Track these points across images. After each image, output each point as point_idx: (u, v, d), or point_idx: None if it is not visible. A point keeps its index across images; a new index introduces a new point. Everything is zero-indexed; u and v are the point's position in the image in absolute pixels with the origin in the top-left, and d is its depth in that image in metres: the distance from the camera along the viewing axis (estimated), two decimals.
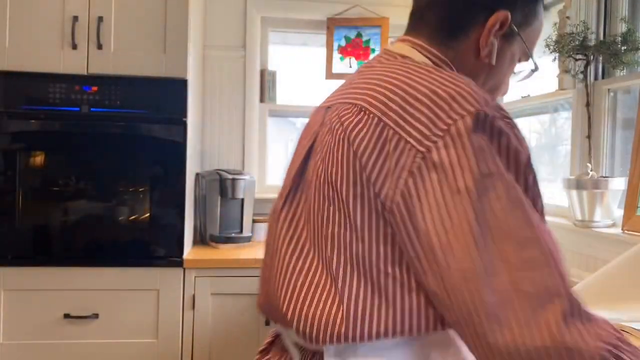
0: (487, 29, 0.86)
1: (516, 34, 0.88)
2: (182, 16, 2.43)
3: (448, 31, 0.88)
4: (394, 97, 0.75)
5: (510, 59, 0.92)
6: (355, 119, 0.76)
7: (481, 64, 0.89)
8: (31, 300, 2.35)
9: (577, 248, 2.05)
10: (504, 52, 0.90)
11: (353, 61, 3.18)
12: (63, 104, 2.37)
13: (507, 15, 0.86)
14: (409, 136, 0.71)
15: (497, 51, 0.88)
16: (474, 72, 0.89)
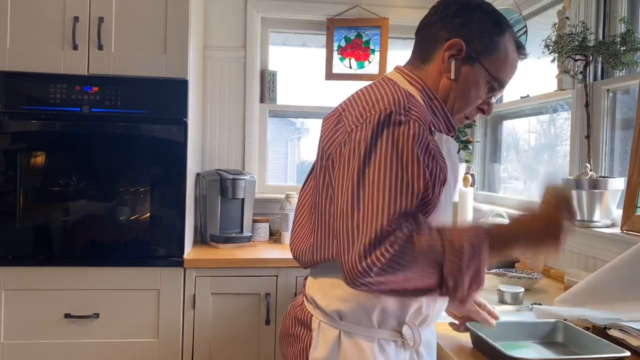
0: (443, 50, 1.18)
1: (475, 59, 1.18)
2: (183, 17, 2.43)
3: (422, 58, 1.23)
4: (354, 101, 1.14)
5: (474, 81, 1.19)
6: (333, 114, 1.20)
7: (447, 82, 1.19)
8: (32, 299, 2.36)
9: (577, 248, 2.06)
10: (466, 74, 1.19)
11: (353, 62, 3.18)
12: (64, 104, 2.38)
13: (459, 42, 1.17)
14: (347, 121, 1.11)
15: (459, 72, 1.18)
16: (444, 90, 1.20)
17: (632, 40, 1.87)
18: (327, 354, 1.16)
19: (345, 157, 1.07)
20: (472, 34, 1.18)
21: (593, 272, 1.66)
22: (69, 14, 2.36)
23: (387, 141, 1.03)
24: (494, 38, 1.18)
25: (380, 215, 0.98)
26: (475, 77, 1.19)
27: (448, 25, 1.19)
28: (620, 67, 1.96)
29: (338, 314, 1.17)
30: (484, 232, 1.02)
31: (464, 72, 1.18)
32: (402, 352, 1.19)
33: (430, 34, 1.21)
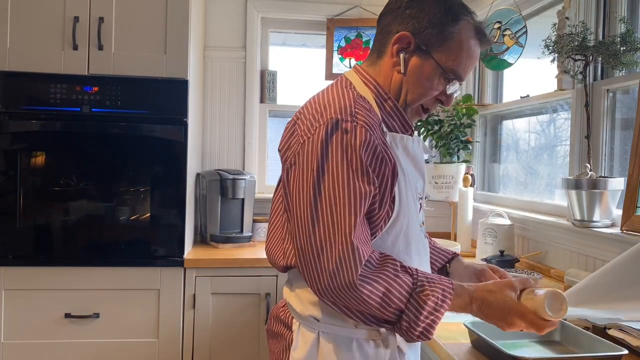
0: (391, 44, 1.18)
1: (424, 51, 1.16)
2: (183, 17, 2.43)
3: (376, 54, 1.23)
4: (307, 108, 1.16)
5: (425, 74, 1.18)
6: (290, 121, 1.21)
7: (399, 76, 1.19)
8: (32, 299, 2.36)
9: (576, 248, 2.06)
10: (416, 67, 1.18)
11: (353, 62, 3.18)
12: (64, 104, 2.38)
13: (406, 34, 1.16)
14: (300, 131, 1.13)
15: (410, 65, 1.18)
16: (395, 84, 1.20)
17: (632, 40, 1.87)
18: (306, 354, 1.19)
19: (300, 170, 1.10)
20: (421, 25, 1.16)
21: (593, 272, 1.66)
22: (69, 14, 2.36)
23: (337, 151, 1.07)
24: (445, 28, 1.16)
25: (341, 229, 1.05)
26: (426, 69, 1.17)
27: (399, 17, 1.18)
28: (620, 67, 1.96)
29: (314, 317, 1.19)
30: (450, 291, 1.08)
31: (414, 65, 1.17)
32: (382, 350, 1.19)
33: (383, 27, 1.21)
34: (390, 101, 1.20)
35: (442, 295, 1.07)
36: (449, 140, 2.88)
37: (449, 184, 2.87)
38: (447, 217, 3.07)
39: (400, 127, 1.21)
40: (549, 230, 2.24)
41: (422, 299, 1.06)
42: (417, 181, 1.24)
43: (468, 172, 2.86)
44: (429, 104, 1.24)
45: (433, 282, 1.08)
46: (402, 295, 1.06)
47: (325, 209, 1.06)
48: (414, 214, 1.20)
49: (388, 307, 1.06)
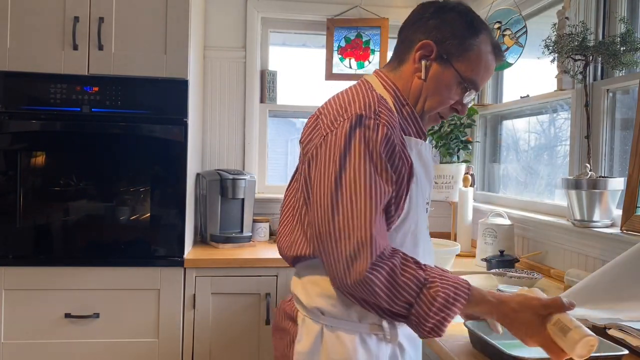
0: (414, 51, 1.23)
1: (446, 60, 1.21)
2: (183, 17, 2.43)
3: (397, 60, 1.28)
4: (330, 104, 1.21)
5: (445, 82, 1.22)
6: (312, 117, 1.25)
7: (419, 82, 1.23)
8: (32, 299, 2.36)
9: (576, 248, 2.06)
10: (437, 75, 1.22)
11: (353, 62, 3.18)
12: (64, 104, 2.38)
13: (429, 43, 1.21)
14: (323, 124, 1.18)
15: (431, 73, 1.22)
16: (415, 90, 1.24)
17: (632, 40, 1.87)
18: (310, 346, 1.22)
19: (322, 161, 1.14)
20: (444, 35, 1.21)
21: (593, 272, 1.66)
22: (69, 14, 2.36)
23: (360, 145, 1.11)
24: (466, 40, 1.21)
25: (360, 219, 1.08)
26: (446, 77, 1.22)
27: (422, 27, 1.24)
28: (620, 67, 1.96)
29: (319, 309, 1.22)
30: (465, 291, 1.09)
31: (434, 73, 1.22)
32: (384, 345, 1.22)
33: (407, 36, 1.27)
34: (408, 107, 1.25)
35: (454, 293, 1.07)
36: (449, 140, 2.89)
37: (448, 184, 2.87)
38: (447, 217, 3.08)
39: (415, 133, 1.26)
40: (549, 230, 2.24)
41: (432, 294, 1.07)
42: (426, 186, 1.29)
43: (468, 172, 2.86)
44: (445, 111, 1.29)
45: (446, 279, 1.09)
46: (411, 288, 1.08)
47: (346, 199, 1.09)
48: (422, 216, 1.25)
49: (396, 299, 1.08)
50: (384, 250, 1.08)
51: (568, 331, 1.04)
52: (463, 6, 1.25)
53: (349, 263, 1.07)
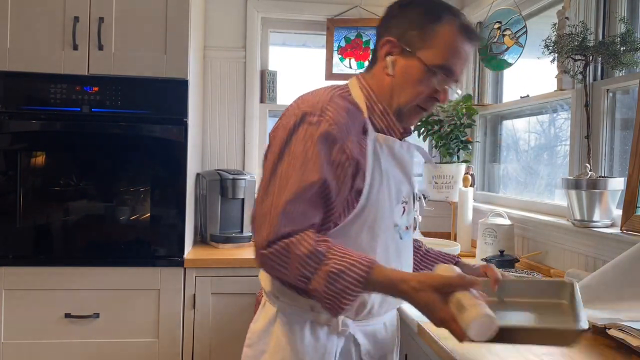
0: (379, 50, 1.29)
1: (409, 52, 1.23)
2: (183, 17, 2.43)
3: (371, 62, 1.33)
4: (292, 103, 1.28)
5: (412, 74, 1.23)
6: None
7: (388, 79, 1.27)
8: (32, 299, 2.36)
9: (576, 248, 2.06)
10: (403, 69, 1.24)
11: (353, 62, 3.18)
12: (64, 104, 2.38)
13: (391, 39, 1.26)
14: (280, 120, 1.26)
15: (397, 68, 1.25)
16: (387, 87, 1.27)
17: (632, 40, 1.87)
18: (263, 327, 1.31)
19: (269, 152, 1.23)
20: (404, 28, 1.25)
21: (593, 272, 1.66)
22: (69, 14, 2.36)
23: (298, 139, 1.18)
24: (427, 28, 1.23)
25: (280, 202, 1.14)
26: (413, 69, 1.23)
27: (386, 25, 1.30)
28: (620, 67, 1.96)
29: (274, 294, 1.31)
30: (362, 268, 1.09)
31: (401, 67, 1.25)
32: (335, 337, 1.24)
33: (377, 38, 1.33)
34: (380, 104, 1.28)
35: (348, 269, 1.08)
36: (449, 140, 2.88)
37: (448, 184, 2.87)
38: (447, 217, 3.08)
39: (389, 130, 1.28)
40: (549, 230, 2.24)
41: (326, 269, 1.09)
42: (402, 184, 1.30)
43: (468, 172, 2.86)
44: (424, 103, 1.28)
45: (348, 256, 1.10)
46: (307, 263, 1.11)
47: (275, 187, 1.16)
48: (386, 213, 1.26)
49: (295, 273, 1.12)
50: (291, 232, 1.13)
51: (464, 310, 0.98)
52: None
53: (255, 237, 1.16)
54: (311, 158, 1.16)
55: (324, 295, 1.10)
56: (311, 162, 1.16)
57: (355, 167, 1.20)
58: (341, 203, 1.20)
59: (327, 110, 1.20)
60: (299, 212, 1.15)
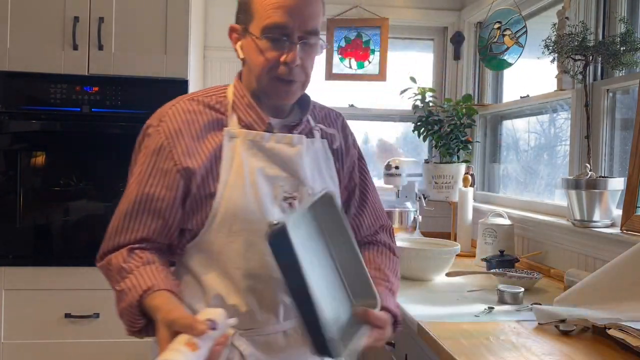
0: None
1: (244, 30, 1.23)
2: (183, 17, 2.43)
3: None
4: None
5: (251, 48, 1.21)
6: None
7: (245, 64, 1.27)
8: (32, 299, 2.36)
9: (576, 248, 2.06)
10: (245, 47, 1.24)
11: (353, 62, 3.18)
12: (64, 104, 2.38)
13: (231, 26, 1.28)
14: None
15: (244, 50, 1.25)
16: (246, 74, 1.27)
17: (632, 40, 1.87)
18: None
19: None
20: (237, 11, 1.28)
21: (593, 272, 1.66)
22: (69, 14, 2.36)
23: (140, 153, 1.24)
24: (246, 4, 1.23)
25: (116, 216, 1.22)
26: (250, 45, 1.21)
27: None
28: (620, 67, 1.96)
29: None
30: (141, 293, 1.10)
31: (243, 47, 1.25)
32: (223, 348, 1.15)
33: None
34: (245, 98, 1.24)
35: (129, 289, 1.12)
36: (449, 140, 2.88)
37: (448, 184, 2.87)
38: (447, 217, 3.07)
39: (258, 123, 1.22)
40: (549, 230, 2.24)
41: (119, 286, 1.16)
42: (280, 180, 1.21)
43: (468, 172, 2.86)
44: (277, 72, 1.18)
45: (139, 277, 1.13)
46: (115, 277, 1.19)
47: (122, 200, 1.22)
48: (255, 214, 1.17)
49: (113, 284, 1.19)
50: (116, 246, 1.21)
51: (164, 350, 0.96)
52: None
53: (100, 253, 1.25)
54: (143, 171, 1.20)
55: (118, 312, 1.16)
56: (142, 174, 1.19)
57: (186, 172, 1.17)
58: (190, 209, 1.18)
59: (163, 118, 1.22)
60: (126, 227, 1.20)
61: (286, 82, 1.19)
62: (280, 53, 1.17)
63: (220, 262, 1.19)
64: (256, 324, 1.19)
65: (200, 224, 1.18)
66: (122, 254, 1.19)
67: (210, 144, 1.20)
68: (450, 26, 3.22)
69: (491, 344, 1.37)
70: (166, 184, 1.18)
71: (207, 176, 1.18)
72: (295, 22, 1.15)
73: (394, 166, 2.80)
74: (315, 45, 1.20)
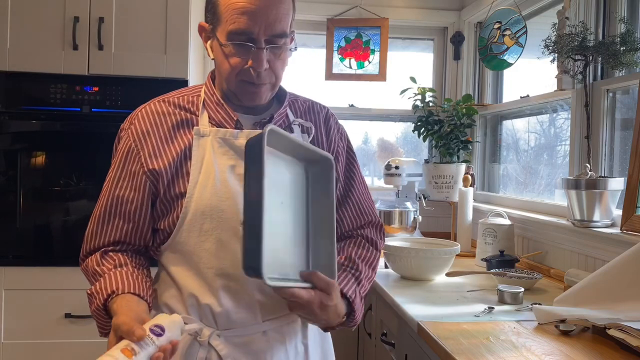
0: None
1: (212, 31, 1.18)
2: (183, 17, 2.44)
3: None
4: None
5: (219, 50, 1.17)
6: None
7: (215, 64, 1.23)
8: (32, 299, 2.36)
9: (576, 248, 2.06)
10: (213, 48, 1.20)
11: (353, 62, 3.18)
12: (64, 104, 2.38)
13: (201, 24, 1.22)
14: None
15: (213, 50, 1.21)
16: (217, 74, 1.25)
17: (632, 40, 1.87)
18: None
19: None
20: (205, 13, 1.22)
21: (593, 272, 1.66)
22: (69, 14, 2.36)
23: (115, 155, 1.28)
24: (213, 2, 1.17)
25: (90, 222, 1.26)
26: (217, 48, 1.19)
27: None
28: (620, 67, 1.96)
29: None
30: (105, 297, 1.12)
31: (212, 48, 1.21)
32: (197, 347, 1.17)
33: None
34: (215, 96, 1.24)
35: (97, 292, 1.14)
36: (449, 140, 2.89)
37: (448, 184, 2.87)
38: (447, 217, 3.08)
39: (227, 120, 1.22)
40: (549, 230, 2.24)
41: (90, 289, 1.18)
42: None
43: (468, 172, 2.86)
44: (244, 75, 1.17)
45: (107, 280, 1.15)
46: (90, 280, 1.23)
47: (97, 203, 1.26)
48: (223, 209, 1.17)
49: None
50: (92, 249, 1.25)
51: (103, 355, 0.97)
52: None
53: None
54: (114, 174, 1.24)
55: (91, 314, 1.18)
56: (112, 177, 1.24)
57: (152, 174, 1.19)
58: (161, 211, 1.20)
59: (133, 121, 1.26)
60: (99, 230, 1.23)
61: (254, 85, 1.18)
62: (246, 59, 1.14)
63: (193, 262, 1.18)
64: (233, 324, 1.18)
65: (171, 224, 1.19)
66: (96, 257, 1.23)
67: (179, 144, 1.20)
68: (450, 26, 3.22)
69: (491, 344, 1.37)
70: (134, 186, 1.21)
71: (176, 176, 1.19)
72: (261, 27, 1.12)
73: (394, 166, 2.80)
74: (284, 46, 1.17)
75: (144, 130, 1.23)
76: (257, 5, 1.11)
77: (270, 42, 1.14)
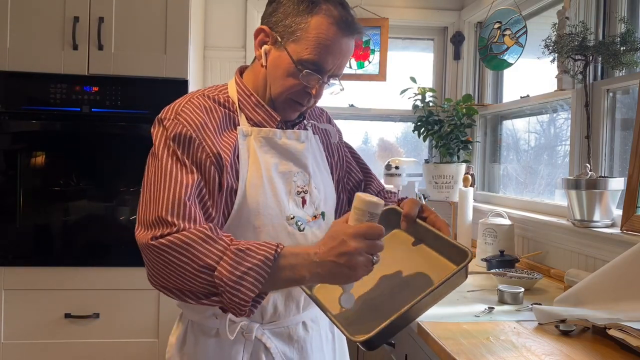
0: (255, 39, 1.22)
1: (280, 43, 1.17)
2: (183, 17, 2.43)
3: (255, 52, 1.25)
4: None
5: (281, 66, 1.18)
6: None
7: (263, 70, 1.22)
8: (32, 299, 2.36)
9: (576, 248, 2.06)
10: (274, 60, 1.19)
11: (353, 62, 3.18)
12: (64, 104, 2.38)
13: (264, 29, 1.20)
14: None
15: (270, 58, 1.19)
16: (262, 78, 1.23)
17: (632, 40, 1.87)
18: (176, 338, 1.31)
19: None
20: (278, 18, 1.18)
21: (593, 272, 1.66)
22: (69, 14, 2.36)
23: (159, 143, 1.17)
24: (298, 19, 1.15)
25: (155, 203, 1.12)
26: (282, 62, 1.18)
27: (264, 14, 1.23)
28: (620, 67, 1.95)
29: (178, 304, 1.27)
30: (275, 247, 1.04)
31: (272, 58, 1.19)
32: (242, 344, 1.21)
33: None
34: (253, 97, 1.24)
35: (257, 247, 1.03)
36: (449, 140, 2.88)
37: (449, 184, 2.87)
38: (447, 217, 3.07)
39: (267, 121, 1.24)
40: (549, 230, 2.24)
41: (231, 248, 1.03)
42: (293, 175, 1.25)
43: (468, 172, 2.86)
44: (297, 97, 1.21)
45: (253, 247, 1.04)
46: (210, 252, 1.03)
47: (146, 187, 1.14)
48: (273, 209, 1.19)
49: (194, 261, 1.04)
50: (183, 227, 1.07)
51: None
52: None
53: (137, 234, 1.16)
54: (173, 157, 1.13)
55: (229, 284, 1.00)
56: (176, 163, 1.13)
57: (217, 164, 1.15)
58: (218, 204, 1.15)
59: (182, 113, 1.18)
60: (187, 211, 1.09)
61: (302, 106, 1.24)
62: (308, 85, 1.19)
63: None
64: (278, 316, 1.24)
65: (222, 220, 1.18)
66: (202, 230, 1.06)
67: (228, 140, 1.20)
68: (450, 26, 3.22)
69: (491, 344, 1.37)
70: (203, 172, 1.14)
71: (231, 171, 1.18)
72: (334, 66, 1.18)
73: (394, 166, 2.80)
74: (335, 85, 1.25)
75: (199, 122, 1.17)
76: (341, 48, 1.17)
77: (331, 78, 1.22)
